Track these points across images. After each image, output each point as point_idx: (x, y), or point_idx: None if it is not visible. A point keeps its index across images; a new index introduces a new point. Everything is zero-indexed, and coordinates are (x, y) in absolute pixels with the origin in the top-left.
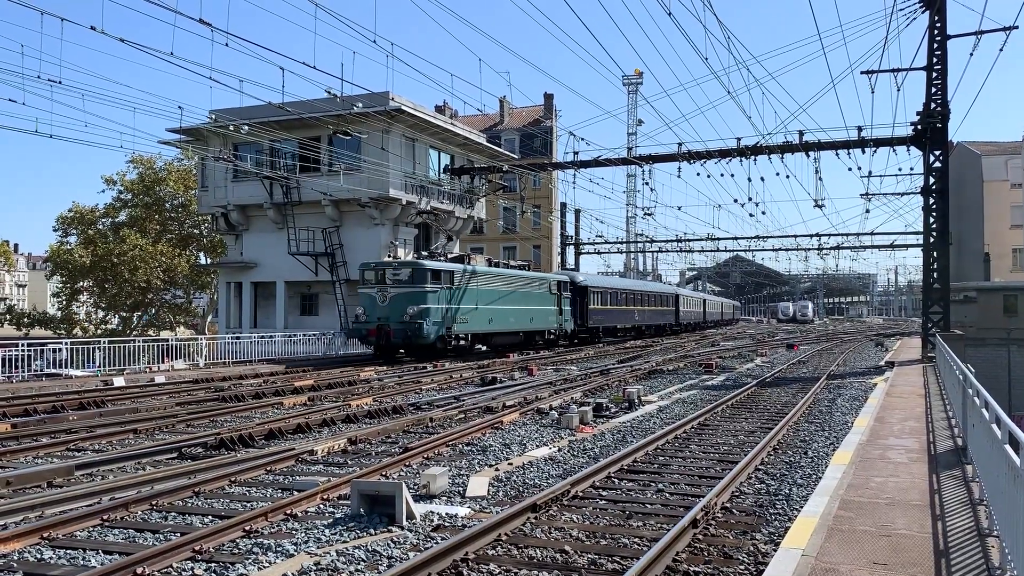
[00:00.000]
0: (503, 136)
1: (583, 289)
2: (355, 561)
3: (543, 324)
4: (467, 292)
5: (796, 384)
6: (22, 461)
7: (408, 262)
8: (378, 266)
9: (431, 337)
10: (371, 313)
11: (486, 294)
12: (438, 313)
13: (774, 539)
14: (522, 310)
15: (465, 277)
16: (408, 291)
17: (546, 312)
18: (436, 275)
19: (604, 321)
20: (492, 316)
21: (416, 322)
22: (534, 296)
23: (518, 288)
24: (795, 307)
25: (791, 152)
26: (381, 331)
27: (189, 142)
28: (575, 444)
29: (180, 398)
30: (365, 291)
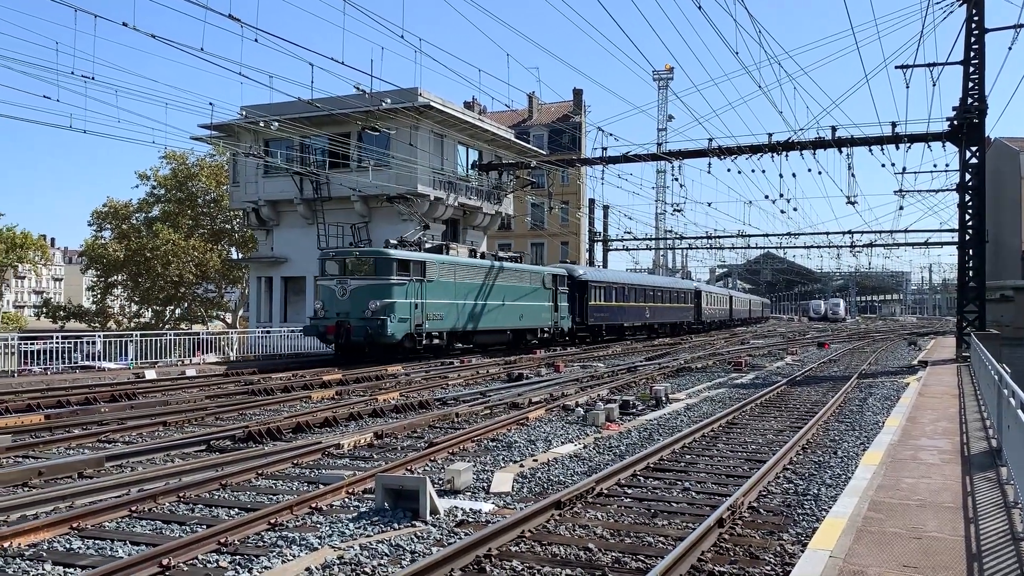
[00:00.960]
0: (532, 132)
1: (582, 283)
2: (378, 555)
3: (535, 322)
4: (443, 285)
5: (827, 383)
6: (54, 452)
7: (371, 250)
8: (338, 255)
9: (396, 335)
10: (330, 308)
11: (467, 288)
12: (405, 308)
13: (801, 540)
14: (510, 306)
15: (441, 269)
16: (370, 283)
17: (539, 309)
18: (403, 266)
19: (607, 319)
20: (474, 312)
21: (378, 318)
22: (525, 291)
23: (506, 282)
24: (826, 305)
25: (823, 148)
26: (340, 328)
27: (221, 138)
28: (601, 441)
29: (210, 391)
30: (324, 283)
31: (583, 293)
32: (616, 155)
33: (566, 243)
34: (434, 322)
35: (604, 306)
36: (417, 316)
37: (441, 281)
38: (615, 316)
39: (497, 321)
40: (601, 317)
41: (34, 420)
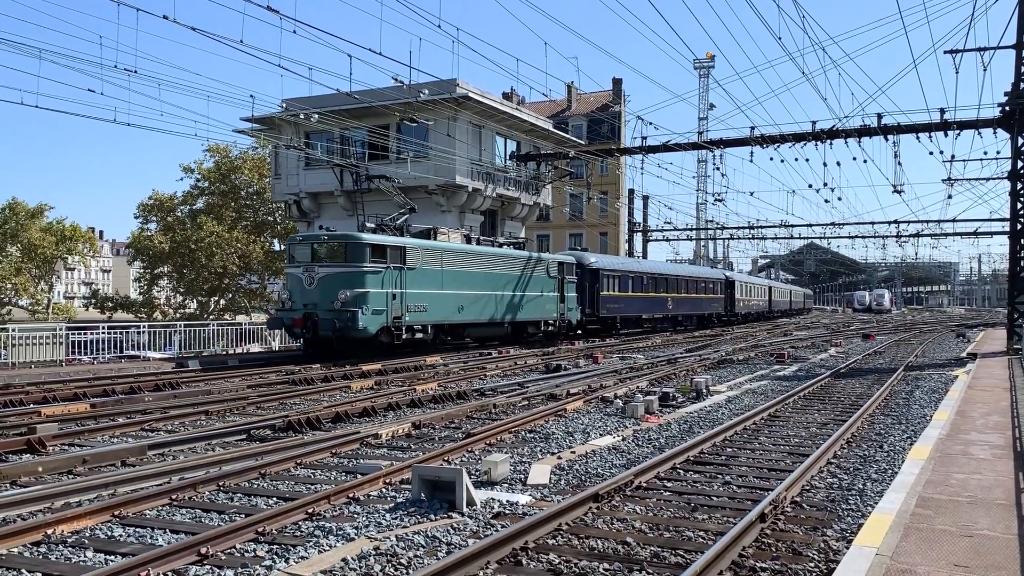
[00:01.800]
0: (570, 122)
1: (593, 272)
2: (414, 547)
3: (538, 313)
4: (428, 274)
5: (872, 375)
6: (99, 440)
7: (341, 234)
8: (306, 239)
9: (370, 329)
10: (297, 299)
11: (457, 276)
12: (380, 299)
13: (846, 536)
14: (509, 296)
15: (425, 255)
16: (340, 271)
17: (542, 300)
18: (379, 251)
19: (622, 310)
20: (464, 303)
21: (349, 310)
22: (526, 280)
23: (504, 270)
24: (871, 296)
25: (869, 136)
26: (307, 321)
27: (262, 131)
28: (640, 433)
29: (252, 381)
30: (292, 271)
31: (594, 282)
32: (656, 144)
33: (605, 234)
34: (416, 314)
35: (619, 296)
36: (395, 307)
37: (425, 269)
38: (631, 307)
39: (493, 313)
40: (615, 308)
41: (80, 409)
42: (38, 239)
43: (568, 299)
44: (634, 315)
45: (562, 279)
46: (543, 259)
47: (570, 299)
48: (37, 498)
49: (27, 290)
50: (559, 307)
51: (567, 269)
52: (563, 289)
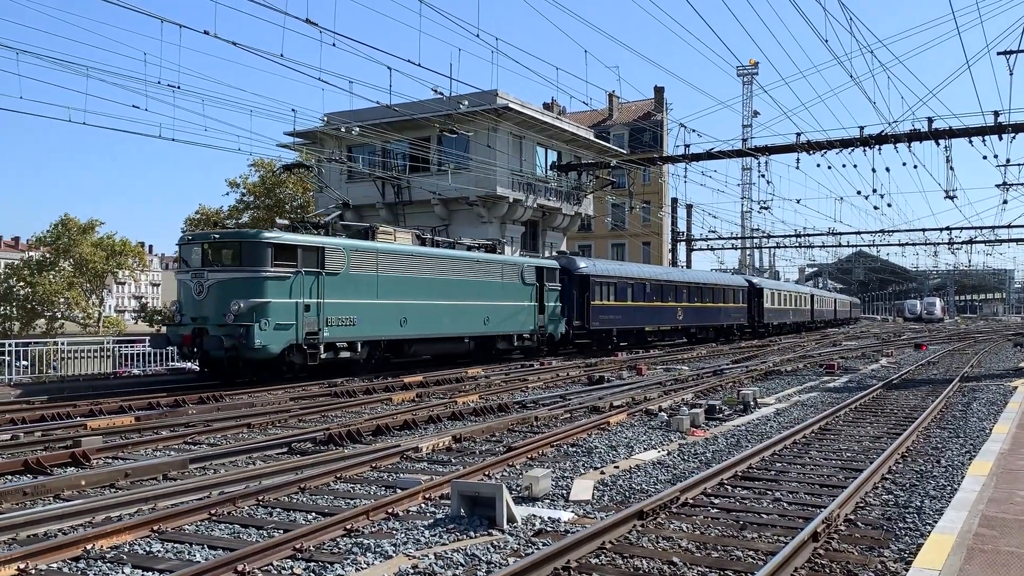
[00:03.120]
0: (612, 131)
1: (583, 279)
2: (453, 565)
3: (510, 326)
4: (358, 280)
5: (926, 386)
6: (142, 453)
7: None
8: (196, 239)
9: (270, 347)
10: (188, 311)
11: (399, 284)
12: (286, 311)
13: (905, 557)
14: (469, 307)
15: (354, 258)
16: (233, 278)
17: (515, 310)
18: (286, 253)
19: (619, 322)
20: (409, 315)
21: (241, 325)
22: (494, 288)
23: (464, 276)
24: (922, 305)
25: (919, 140)
26: (197, 338)
27: (305, 144)
28: (685, 448)
29: (294, 393)
30: (182, 278)
31: (584, 290)
32: (699, 152)
33: (648, 243)
34: (340, 329)
35: (614, 306)
36: (309, 321)
37: (354, 275)
38: (631, 318)
39: (448, 326)
40: (610, 320)
41: (125, 422)
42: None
43: (549, 310)
44: (635, 327)
45: (541, 287)
46: (516, 264)
47: (552, 310)
48: (78, 512)
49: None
50: (537, 318)
51: (548, 275)
52: (543, 298)
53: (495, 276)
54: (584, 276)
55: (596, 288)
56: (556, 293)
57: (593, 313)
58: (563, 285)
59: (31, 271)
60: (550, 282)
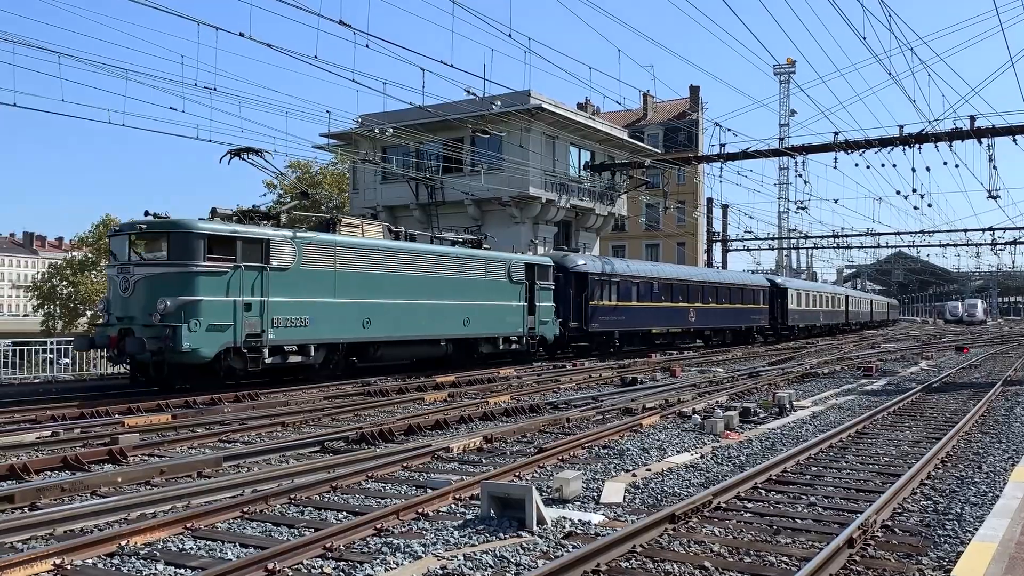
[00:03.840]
0: (646, 131)
1: (581, 277)
2: (482, 567)
3: (493, 328)
4: (311, 276)
5: (967, 390)
6: (177, 451)
7: (165, 222)
8: (123, 230)
9: (202, 350)
10: (115, 310)
11: (362, 281)
12: (222, 310)
13: (943, 565)
14: (447, 306)
15: (307, 252)
16: (160, 272)
17: (500, 310)
18: (222, 245)
19: (622, 323)
20: (374, 315)
21: (168, 325)
22: (476, 286)
23: (440, 272)
24: (963, 306)
25: (961, 139)
26: (123, 340)
27: (340, 146)
28: (719, 451)
29: (328, 392)
30: (110, 273)
31: (582, 289)
32: (735, 151)
33: (683, 244)
34: (289, 330)
35: (617, 307)
36: (250, 322)
37: (307, 270)
38: (636, 319)
39: (421, 327)
40: (611, 321)
41: (162, 420)
42: None
43: (541, 310)
44: (640, 329)
45: (532, 285)
46: (502, 260)
47: (544, 310)
48: (113, 509)
49: None
50: (527, 320)
51: (540, 273)
52: (533, 297)
53: (477, 273)
54: (582, 274)
55: (596, 287)
56: (549, 292)
57: (592, 314)
58: (558, 284)
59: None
60: (542, 280)
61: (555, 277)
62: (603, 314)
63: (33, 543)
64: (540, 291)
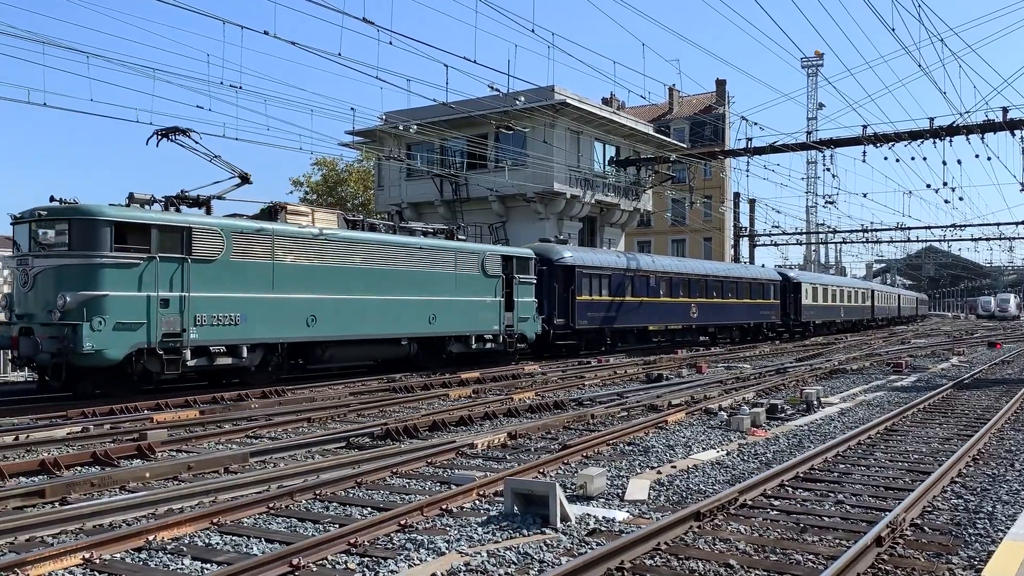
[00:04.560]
0: (672, 125)
1: (567, 270)
2: (505, 563)
3: (464, 325)
4: (244, 269)
5: (999, 386)
6: (205, 447)
7: (68, 208)
8: (24, 217)
9: (108, 352)
10: (18, 306)
11: (305, 274)
12: (132, 307)
13: (974, 564)
14: (408, 302)
15: (238, 242)
16: (61, 264)
17: (472, 306)
18: (135, 234)
19: (613, 320)
20: (320, 312)
21: (68, 324)
22: (442, 280)
23: (401, 265)
24: (996, 301)
25: (993, 131)
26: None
27: (365, 143)
28: (745, 448)
29: (353, 388)
30: (11, 266)
31: (568, 283)
32: (762, 145)
33: (709, 239)
34: (216, 329)
35: (607, 302)
36: (168, 320)
37: (238, 262)
38: (629, 316)
39: (378, 325)
40: (600, 318)
41: (190, 415)
42: None
43: (521, 306)
44: (634, 326)
45: (509, 278)
46: (474, 252)
47: (523, 306)
48: (142, 504)
49: None
50: (503, 316)
51: (519, 266)
52: (512, 292)
53: (445, 265)
54: (568, 267)
55: (584, 281)
56: (530, 287)
57: (580, 310)
58: (542, 277)
59: None
60: (522, 273)
61: (538, 270)
62: (592, 310)
63: (63, 537)
64: (519, 285)
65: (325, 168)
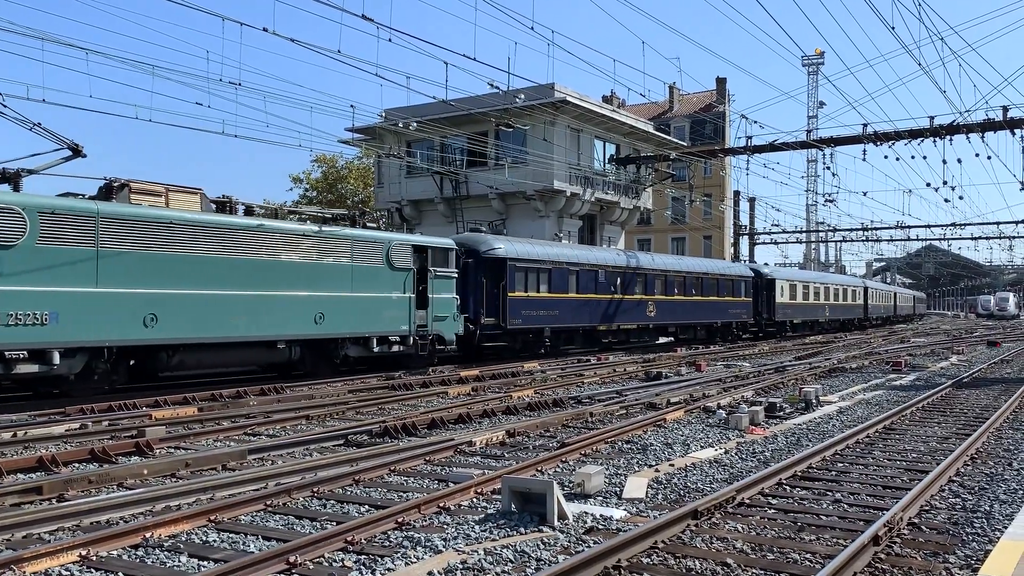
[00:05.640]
0: (672, 124)
1: (496, 263)
2: (502, 561)
3: (364, 326)
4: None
5: (998, 385)
6: (203, 444)
7: None
8: None
9: None
10: None
11: (143, 264)
12: None
13: (971, 564)
14: (287, 299)
15: (44, 224)
16: None
17: (373, 304)
18: None
19: (552, 319)
20: (162, 310)
21: None
22: (334, 272)
23: (279, 255)
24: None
25: (993, 130)
26: None
27: (365, 140)
28: (743, 446)
29: (353, 385)
30: None
31: (498, 278)
32: (762, 144)
33: (709, 237)
34: (13, 330)
35: (545, 299)
36: None
37: (47, 248)
38: (573, 314)
39: (244, 326)
40: (538, 317)
41: (188, 412)
42: None
43: (437, 303)
44: (580, 326)
45: (422, 271)
46: (377, 241)
47: (441, 303)
48: (139, 500)
49: None
50: (415, 315)
51: (436, 258)
52: (428, 288)
53: (338, 256)
54: (498, 259)
55: (517, 275)
56: (450, 281)
57: (512, 308)
58: (467, 271)
59: None
60: (439, 266)
61: (464, 263)
62: (527, 308)
63: (60, 534)
64: (436, 280)
65: (325, 165)
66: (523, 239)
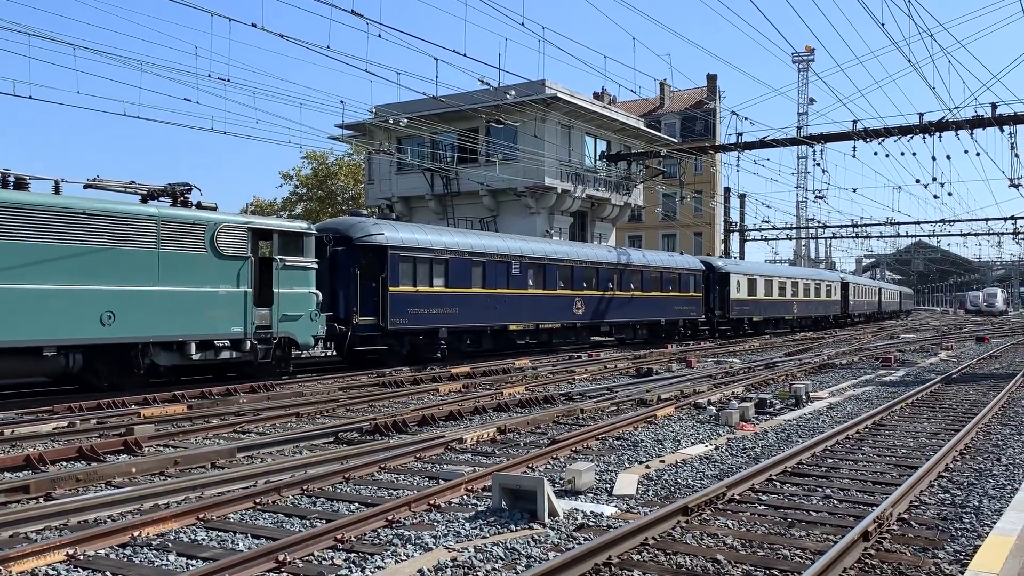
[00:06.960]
0: (663, 120)
1: (375, 252)
2: (493, 559)
3: (177, 328)
4: None
5: (987, 381)
6: (192, 442)
7: None
8: None
9: None
10: None
11: None
12: None
13: (960, 559)
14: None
15: None
16: None
17: (191, 300)
18: None
19: (449, 318)
20: None
21: None
22: (136, 260)
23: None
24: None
25: (982, 127)
26: None
27: (355, 137)
28: (734, 442)
29: (343, 382)
30: None
31: (379, 271)
32: (752, 140)
33: (699, 234)
34: None
35: (440, 294)
36: None
37: None
38: (478, 313)
39: None
40: (431, 316)
41: (177, 410)
42: None
43: (286, 300)
44: (487, 325)
45: (267, 261)
46: (197, 222)
47: (292, 300)
48: (127, 499)
49: None
50: (252, 315)
51: (285, 244)
52: (274, 282)
53: (138, 241)
54: (377, 248)
55: (402, 266)
56: (308, 273)
57: (395, 305)
58: (335, 262)
59: None
60: (291, 255)
61: (332, 252)
62: (416, 305)
63: (47, 533)
64: (285, 271)
65: (315, 162)
66: (410, 225)
